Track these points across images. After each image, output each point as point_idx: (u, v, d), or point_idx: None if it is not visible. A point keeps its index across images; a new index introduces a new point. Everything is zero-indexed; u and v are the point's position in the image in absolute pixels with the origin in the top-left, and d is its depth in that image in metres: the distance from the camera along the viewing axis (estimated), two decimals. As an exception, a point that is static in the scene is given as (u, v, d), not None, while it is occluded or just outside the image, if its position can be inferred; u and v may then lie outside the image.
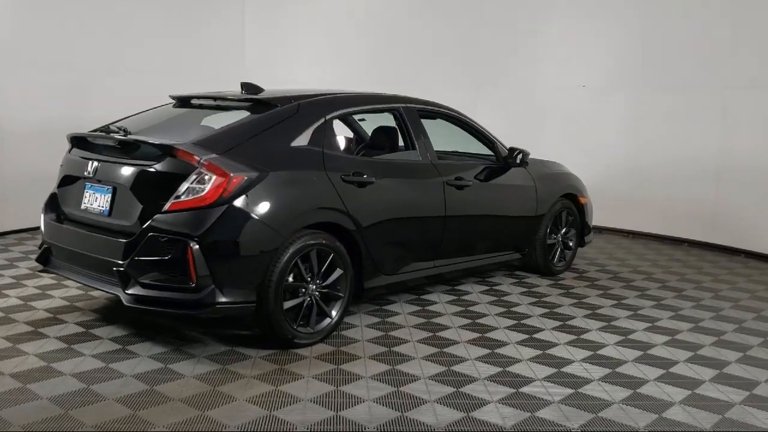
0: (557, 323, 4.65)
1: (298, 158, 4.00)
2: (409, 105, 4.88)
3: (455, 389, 3.51)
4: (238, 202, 3.64)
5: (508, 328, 4.51)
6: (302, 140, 4.07)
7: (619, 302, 5.23)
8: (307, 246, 3.92)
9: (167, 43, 8.04)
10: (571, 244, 6.18)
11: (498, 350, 4.10)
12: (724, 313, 5.06)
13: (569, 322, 4.68)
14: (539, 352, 4.10)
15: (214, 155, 3.68)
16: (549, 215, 5.83)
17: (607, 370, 3.84)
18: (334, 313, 4.13)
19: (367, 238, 4.26)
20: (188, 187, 3.63)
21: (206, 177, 3.63)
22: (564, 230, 6.07)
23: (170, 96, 4.76)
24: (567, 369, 3.84)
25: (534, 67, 8.68)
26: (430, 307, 4.89)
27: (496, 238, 5.43)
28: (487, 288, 5.47)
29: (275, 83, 6.53)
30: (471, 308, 4.92)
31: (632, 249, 7.40)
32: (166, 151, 3.75)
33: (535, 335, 4.39)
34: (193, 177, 3.64)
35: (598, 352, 4.14)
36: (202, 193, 3.60)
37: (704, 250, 7.45)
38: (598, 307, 5.07)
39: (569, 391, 3.54)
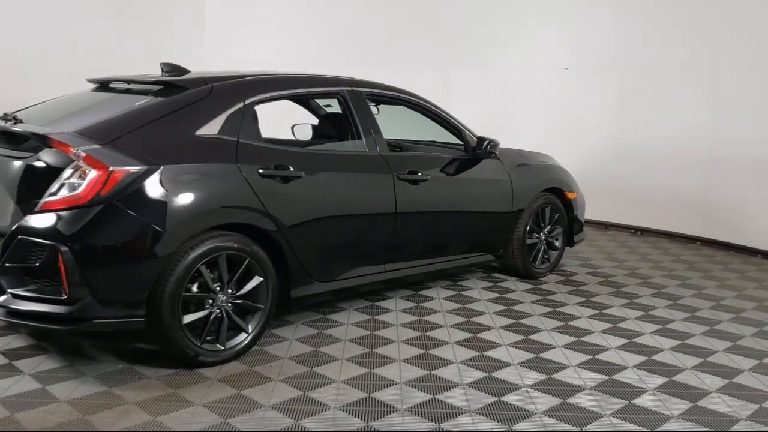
0: (519, 337, 4.06)
1: (203, 149, 3.49)
2: (355, 89, 4.32)
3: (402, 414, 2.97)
4: (120, 201, 3.14)
5: (460, 342, 3.95)
6: (211, 128, 3.55)
7: (600, 312, 4.61)
8: (214, 251, 3.40)
9: (119, 24, 7.56)
10: (557, 243, 5.55)
11: (436, 371, 3.54)
12: (721, 327, 4.41)
13: (533, 336, 4.09)
14: (484, 374, 3.53)
15: (94, 146, 3.18)
16: (528, 212, 5.22)
17: (557, 401, 3.26)
18: (251, 327, 3.61)
19: (293, 240, 3.73)
20: (64, 183, 3.15)
21: (85, 171, 3.13)
22: (548, 229, 5.45)
23: (87, 79, 4.27)
24: (508, 398, 3.27)
25: (513, 49, 8.05)
26: (381, 316, 4.34)
27: (463, 238, 4.85)
28: (454, 293, 4.90)
29: (234, 65, 6.03)
30: (426, 317, 4.36)
31: (636, 248, 6.73)
32: (42, 142, 3.27)
33: (487, 353, 3.82)
34: (69, 171, 3.15)
35: (555, 375, 3.55)
36: (79, 191, 3.11)
37: (717, 250, 6.73)
38: (572, 318, 4.46)
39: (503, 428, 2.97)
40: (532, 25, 7.91)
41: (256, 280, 3.60)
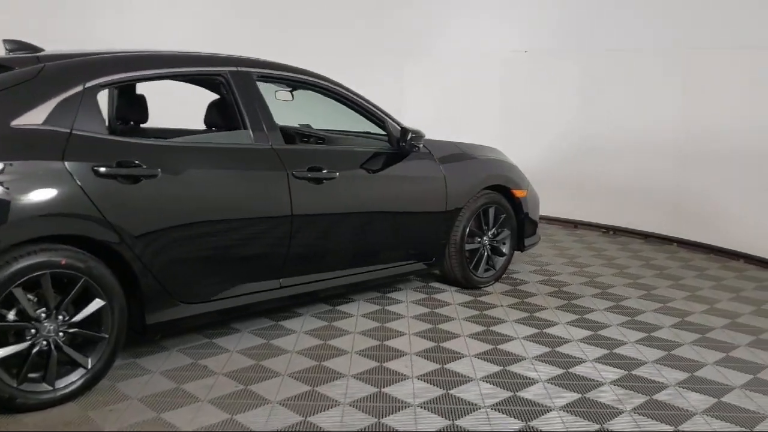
0: (434, 366, 3.39)
1: (18, 143, 2.80)
2: (242, 69, 3.62)
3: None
4: None
5: (357, 376, 3.27)
6: (35, 117, 2.87)
7: (542, 331, 3.94)
8: (30, 269, 2.73)
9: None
10: (504, 248, 4.86)
11: (388, 391, 2.87)
12: (680, 352, 3.72)
13: (450, 366, 3.41)
14: (373, 419, 2.85)
15: None
16: (467, 213, 4.54)
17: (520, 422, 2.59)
18: (91, 361, 2.94)
19: (144, 254, 3.05)
20: None
21: None
22: (492, 232, 4.76)
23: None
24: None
25: (470, 30, 7.35)
26: (276, 341, 3.67)
27: (383, 245, 4.17)
28: (377, 309, 4.23)
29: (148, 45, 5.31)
30: (331, 342, 3.69)
31: (604, 251, 6.04)
32: None
33: (386, 389, 3.14)
34: None
35: (458, 422, 2.87)
36: None
37: (695, 252, 6.04)
38: (505, 340, 3.78)
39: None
40: (490, 3, 7.21)
41: (97, 304, 2.93)
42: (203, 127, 3.85)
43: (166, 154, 3.21)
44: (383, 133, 4.24)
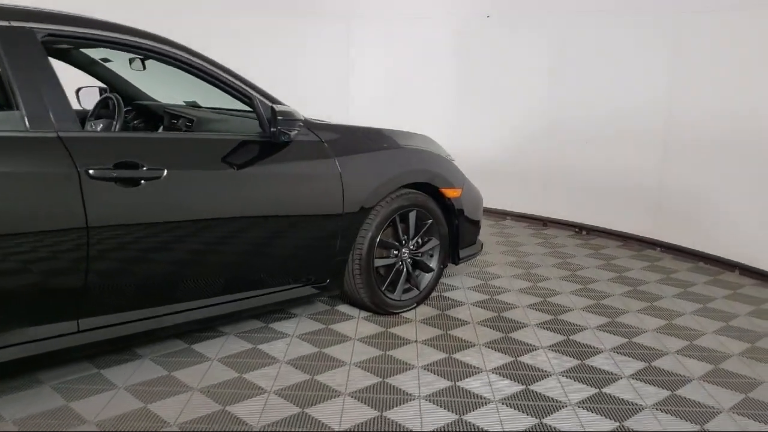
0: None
1: None
2: (17, 24, 2.55)
3: None
4: None
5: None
6: None
7: (457, 382, 2.90)
8: None
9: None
10: (430, 263, 3.82)
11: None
12: (634, 424, 2.68)
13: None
14: None
15: None
16: (377, 220, 3.49)
17: None
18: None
19: None
20: None
21: None
22: (414, 242, 3.72)
23: None
24: None
25: None
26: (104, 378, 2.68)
27: (243, 267, 3.12)
28: (245, 349, 3.20)
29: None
30: (152, 405, 2.65)
31: (571, 257, 4.99)
32: None
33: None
34: None
35: None
36: None
37: (681, 260, 4.98)
38: (404, 399, 2.74)
39: None
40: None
41: None
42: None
43: None
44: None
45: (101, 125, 3.33)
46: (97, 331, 2.67)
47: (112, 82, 4.06)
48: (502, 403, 2.75)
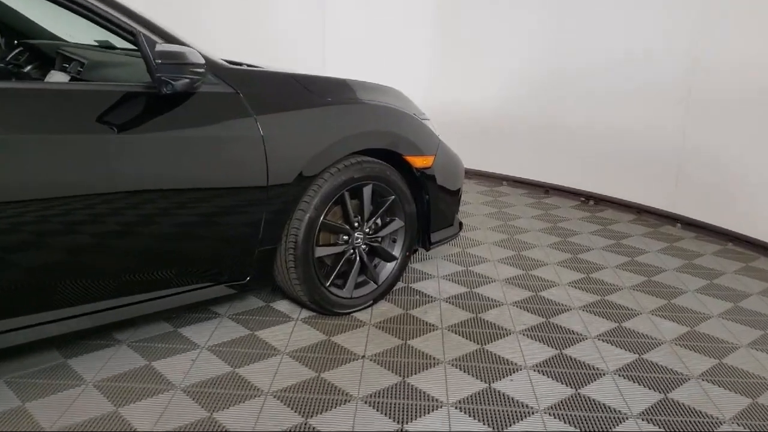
0: None
1: None
2: None
3: None
4: None
5: None
6: None
7: (408, 422, 2.14)
8: None
9: None
10: (393, 250, 3.03)
11: None
12: None
13: None
14: None
15: None
16: (319, 197, 2.70)
17: None
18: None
19: None
20: None
21: None
22: (371, 224, 2.92)
23: None
24: None
25: None
26: None
27: (120, 263, 2.32)
28: (137, 367, 2.44)
29: None
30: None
31: (572, 233, 4.21)
32: None
33: None
34: None
35: None
36: None
37: (704, 238, 4.18)
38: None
39: None
40: None
41: None
42: None
43: None
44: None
45: None
46: None
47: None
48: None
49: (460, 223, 3.47)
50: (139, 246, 2.32)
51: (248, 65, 2.77)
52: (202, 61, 2.27)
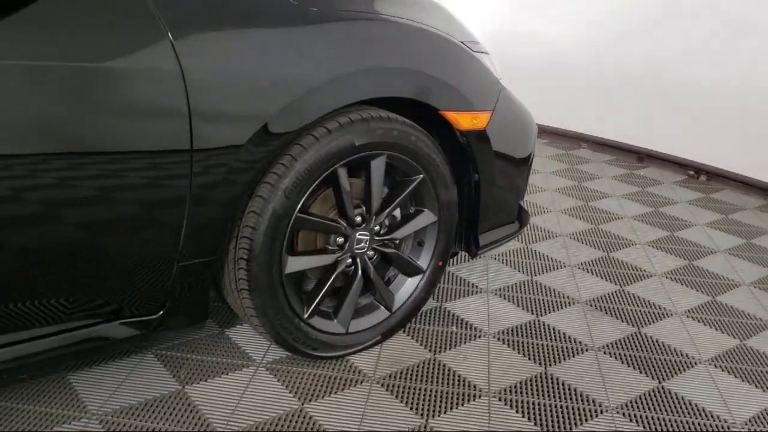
0: None
1: None
2: None
3: None
4: None
5: None
6: None
7: None
8: None
9: None
10: (419, 259, 1.93)
11: None
12: None
13: None
14: None
15: None
16: (290, 175, 1.59)
17: None
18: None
19: None
20: None
21: None
22: (384, 217, 1.80)
23: None
24: None
25: None
26: None
27: None
28: None
29: None
30: None
31: (686, 229, 3.03)
32: None
33: None
34: None
35: None
36: None
37: None
38: None
39: None
40: None
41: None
42: None
43: None
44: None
45: None
46: None
47: None
48: None
49: (526, 212, 2.30)
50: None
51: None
52: None
